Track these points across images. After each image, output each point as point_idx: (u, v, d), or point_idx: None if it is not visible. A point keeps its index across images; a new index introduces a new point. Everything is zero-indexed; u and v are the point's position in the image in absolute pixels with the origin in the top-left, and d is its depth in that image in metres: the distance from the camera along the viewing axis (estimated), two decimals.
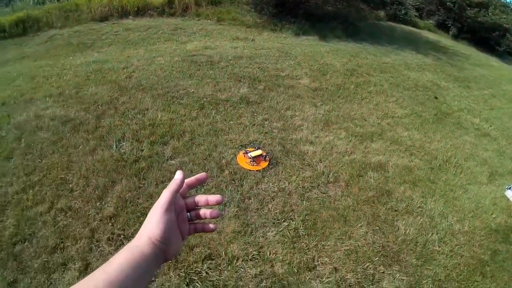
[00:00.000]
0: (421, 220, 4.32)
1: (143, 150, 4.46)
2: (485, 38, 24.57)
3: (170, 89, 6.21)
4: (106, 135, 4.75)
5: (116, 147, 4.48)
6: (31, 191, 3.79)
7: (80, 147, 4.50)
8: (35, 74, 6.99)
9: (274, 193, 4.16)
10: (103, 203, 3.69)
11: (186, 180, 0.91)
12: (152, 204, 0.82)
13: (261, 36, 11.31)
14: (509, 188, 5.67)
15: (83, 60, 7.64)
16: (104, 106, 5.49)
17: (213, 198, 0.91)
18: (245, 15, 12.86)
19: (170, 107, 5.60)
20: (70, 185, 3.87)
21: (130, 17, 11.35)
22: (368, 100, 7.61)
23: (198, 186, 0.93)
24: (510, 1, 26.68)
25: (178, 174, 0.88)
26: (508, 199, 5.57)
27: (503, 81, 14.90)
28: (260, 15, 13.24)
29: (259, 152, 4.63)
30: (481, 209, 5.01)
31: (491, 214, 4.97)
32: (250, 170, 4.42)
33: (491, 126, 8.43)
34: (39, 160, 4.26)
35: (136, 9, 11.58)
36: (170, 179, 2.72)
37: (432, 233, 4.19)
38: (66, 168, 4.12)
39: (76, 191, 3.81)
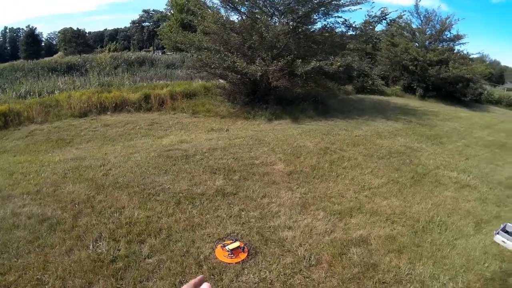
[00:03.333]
0: (411, 287, 4.30)
1: (120, 250, 4.43)
2: (451, 92, 25.97)
3: (146, 185, 6.30)
4: (83, 235, 4.72)
5: (93, 247, 4.45)
6: None
7: (57, 247, 4.46)
8: (13, 170, 7.05)
9: (255, 284, 4.10)
10: None
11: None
12: None
13: (235, 125, 11.67)
14: (497, 233, 5.72)
15: (61, 157, 7.74)
16: (81, 205, 5.51)
17: (197, 279, 0.95)
18: (219, 106, 13.32)
19: (147, 204, 5.64)
20: (47, 287, 3.78)
21: (108, 113, 11.67)
22: (343, 176, 7.76)
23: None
24: (467, 52, 28.10)
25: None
26: (498, 244, 5.61)
27: (474, 130, 15.50)
28: (233, 105, 13.74)
29: (237, 244, 4.62)
30: (472, 261, 5.00)
31: (484, 263, 4.97)
32: (229, 263, 4.38)
33: (469, 176, 8.63)
34: (15, 260, 4.19)
35: (114, 105, 11.95)
36: (148, 279, 2.79)
37: None
38: (42, 268, 4.06)
39: None
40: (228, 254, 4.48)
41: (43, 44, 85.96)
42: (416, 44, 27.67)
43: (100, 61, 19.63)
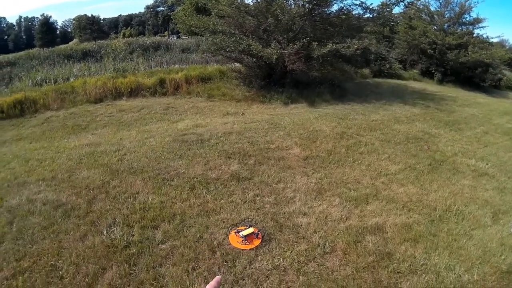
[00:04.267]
0: (426, 278, 4.21)
1: (133, 235, 4.43)
2: (469, 77, 25.50)
3: (160, 170, 6.28)
4: (97, 220, 4.74)
5: (107, 233, 4.46)
6: (21, 277, 3.74)
7: (71, 232, 4.48)
8: (29, 157, 7.11)
9: (269, 271, 4.06)
10: None
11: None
12: None
13: (251, 109, 11.60)
14: None
15: (77, 143, 7.78)
16: (95, 191, 5.53)
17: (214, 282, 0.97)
18: (234, 90, 13.24)
19: (161, 189, 5.63)
20: (60, 272, 3.82)
21: (124, 98, 11.67)
22: (360, 161, 7.67)
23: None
24: (487, 36, 27.48)
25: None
26: None
27: (493, 116, 15.19)
28: (249, 89, 13.63)
29: (251, 230, 4.59)
30: (489, 253, 4.90)
31: (500, 256, 4.86)
32: (242, 250, 4.35)
33: (487, 164, 8.46)
34: (30, 246, 4.24)
35: (129, 90, 11.95)
36: (161, 265, 2.74)
37: None
38: (56, 254, 4.09)
39: (66, 278, 3.75)
40: (242, 240, 4.46)
41: (58, 32, 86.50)
42: (435, 27, 27.08)
43: (115, 47, 19.63)
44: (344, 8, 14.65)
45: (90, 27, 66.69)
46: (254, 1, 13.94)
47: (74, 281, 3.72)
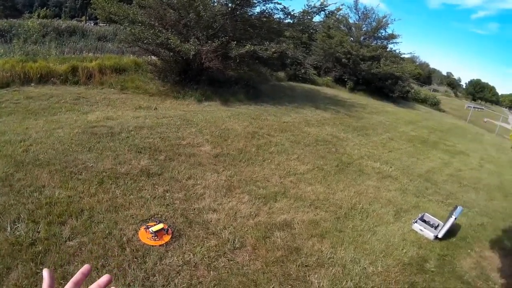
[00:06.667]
0: (333, 270, 4.61)
1: (39, 232, 4.31)
2: (380, 87, 27.46)
3: (68, 163, 6.11)
4: (0, 216, 4.56)
5: (11, 229, 4.28)
6: None
7: None
8: None
9: (180, 267, 4.18)
10: None
11: (72, 279, 0.92)
12: None
13: (164, 104, 11.57)
14: (416, 222, 6.31)
15: None
16: None
17: (102, 279, 0.92)
18: (149, 83, 13.08)
19: (68, 183, 5.50)
20: None
21: (32, 84, 11.06)
22: (270, 160, 8.05)
23: (86, 278, 0.96)
24: (399, 51, 29.53)
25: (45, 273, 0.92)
26: (416, 232, 6.13)
27: (399, 124, 16.58)
28: (163, 83, 13.56)
29: (160, 226, 4.68)
30: (392, 247, 5.48)
31: (402, 249, 5.46)
32: (152, 246, 4.43)
33: (391, 167, 9.27)
34: None
35: (39, 76, 11.29)
36: (69, 263, 2.80)
37: (346, 281, 4.49)
38: None
39: None
40: (152, 236, 4.53)
41: None
42: (351, 38, 28.68)
43: (28, 27, 18.37)
44: (266, 11, 15.04)
45: (3, 3, 61.50)
46: None
47: None
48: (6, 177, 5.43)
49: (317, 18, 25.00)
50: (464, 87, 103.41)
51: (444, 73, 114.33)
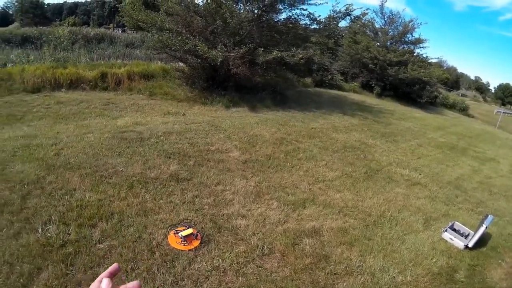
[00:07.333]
0: (362, 279, 4.47)
1: (70, 234, 4.32)
2: (407, 93, 26.89)
3: (98, 167, 6.15)
4: (31, 217, 4.57)
5: (42, 231, 4.31)
6: None
7: (4, 229, 4.28)
8: None
9: (208, 272, 4.12)
10: None
11: (98, 278, 0.92)
12: None
13: (192, 110, 11.60)
14: (445, 231, 6.06)
15: (11, 134, 7.38)
16: (30, 186, 5.31)
17: (131, 285, 0.89)
18: (177, 90, 13.16)
19: (99, 187, 5.52)
20: None
21: (63, 90, 11.27)
22: (298, 167, 7.92)
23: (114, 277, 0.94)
24: (427, 56, 28.98)
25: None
26: (446, 241, 5.92)
27: (427, 130, 16.23)
28: (191, 89, 13.62)
29: (190, 230, 4.63)
30: (421, 256, 5.29)
31: (432, 259, 5.27)
32: (182, 250, 4.38)
33: (420, 174, 9.04)
34: None
35: (69, 81, 11.53)
36: (99, 265, 2.76)
37: None
38: None
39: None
40: (181, 241, 4.49)
41: None
42: (378, 43, 28.25)
43: (58, 35, 18.83)
44: (292, 17, 15.07)
45: (33, 11, 63.28)
46: (204, 1, 13.92)
47: (8, 281, 3.57)
48: (38, 180, 5.49)
49: (342, 23, 24.80)
50: (493, 91, 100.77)
51: (472, 77, 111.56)
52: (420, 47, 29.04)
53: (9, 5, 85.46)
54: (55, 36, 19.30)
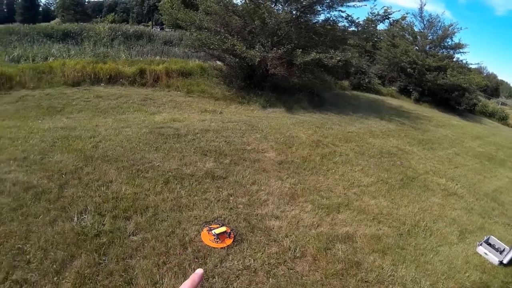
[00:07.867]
0: None
1: (104, 224, 4.35)
2: (446, 99, 25.96)
3: (135, 161, 6.21)
4: (68, 206, 4.63)
5: (78, 220, 4.36)
6: None
7: (41, 216, 4.35)
8: (1, 134, 6.84)
9: (239, 271, 4.07)
10: (60, 278, 3.51)
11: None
12: (112, 282, 0.82)
13: (229, 108, 11.60)
14: (480, 245, 5.80)
15: (51, 125, 7.57)
16: (68, 175, 5.40)
17: (195, 276, 0.86)
18: (214, 88, 13.21)
19: (135, 180, 5.56)
20: (27, 256, 3.70)
21: (102, 84, 11.49)
22: (334, 170, 7.78)
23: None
24: (466, 61, 28.11)
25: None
26: (480, 255, 5.67)
27: (465, 139, 15.66)
28: (228, 88, 13.63)
29: (223, 229, 4.59)
30: (454, 269, 5.07)
31: (465, 273, 5.04)
32: (214, 248, 4.35)
33: (457, 184, 8.72)
34: None
35: (108, 77, 11.77)
36: (131, 257, 2.70)
37: None
38: (24, 237, 3.96)
39: (33, 263, 3.64)
40: (214, 238, 4.45)
41: (40, 9, 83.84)
42: (417, 47, 27.56)
43: (98, 31, 19.27)
44: (331, 19, 14.90)
45: (74, 7, 64.79)
46: (242, 1, 13.94)
47: (42, 266, 3.62)
48: (76, 170, 5.58)
49: (381, 26, 24.33)
50: None
51: None
52: (460, 52, 28.11)
53: (51, 2, 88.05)
54: (95, 32, 19.78)
